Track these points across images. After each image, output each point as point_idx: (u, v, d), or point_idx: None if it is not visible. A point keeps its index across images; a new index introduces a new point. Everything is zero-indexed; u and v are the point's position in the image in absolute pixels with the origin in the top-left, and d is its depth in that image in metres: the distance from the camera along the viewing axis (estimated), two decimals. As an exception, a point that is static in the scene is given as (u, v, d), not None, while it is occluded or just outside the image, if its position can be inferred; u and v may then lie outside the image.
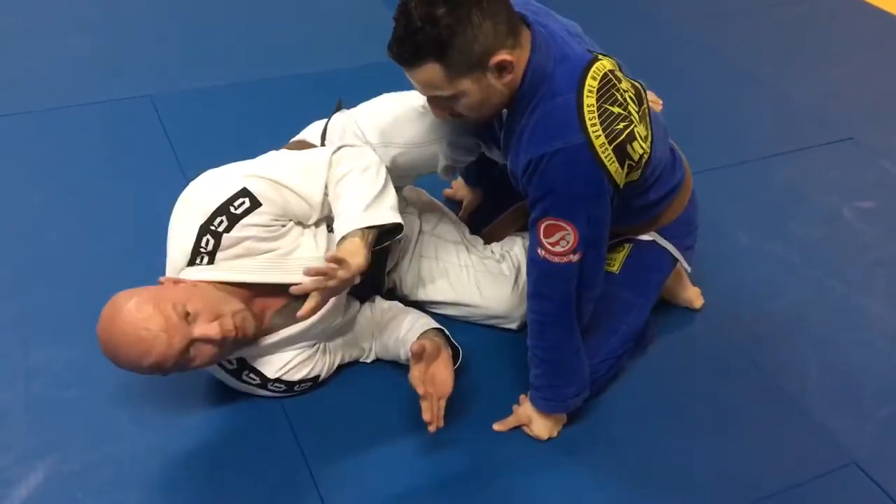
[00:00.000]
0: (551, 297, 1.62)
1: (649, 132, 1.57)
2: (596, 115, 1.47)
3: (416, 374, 1.62)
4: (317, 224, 1.70)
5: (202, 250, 1.60)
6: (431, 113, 1.62)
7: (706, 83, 3.07)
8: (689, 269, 1.95)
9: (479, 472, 1.71)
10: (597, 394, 1.84)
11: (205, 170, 1.70)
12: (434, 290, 1.94)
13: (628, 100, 1.53)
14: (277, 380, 1.74)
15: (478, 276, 1.93)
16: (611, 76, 1.52)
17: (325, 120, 1.87)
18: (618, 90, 1.52)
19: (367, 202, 1.59)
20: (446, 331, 1.79)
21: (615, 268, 1.81)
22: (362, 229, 1.55)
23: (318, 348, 1.78)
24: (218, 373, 1.73)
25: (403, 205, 1.96)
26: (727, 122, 2.86)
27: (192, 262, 1.61)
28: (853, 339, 2.07)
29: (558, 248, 1.54)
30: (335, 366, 1.83)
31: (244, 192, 1.59)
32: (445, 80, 1.46)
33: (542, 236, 1.55)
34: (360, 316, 1.86)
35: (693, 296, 2.07)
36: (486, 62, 1.45)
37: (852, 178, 2.63)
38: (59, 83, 2.73)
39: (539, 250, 1.57)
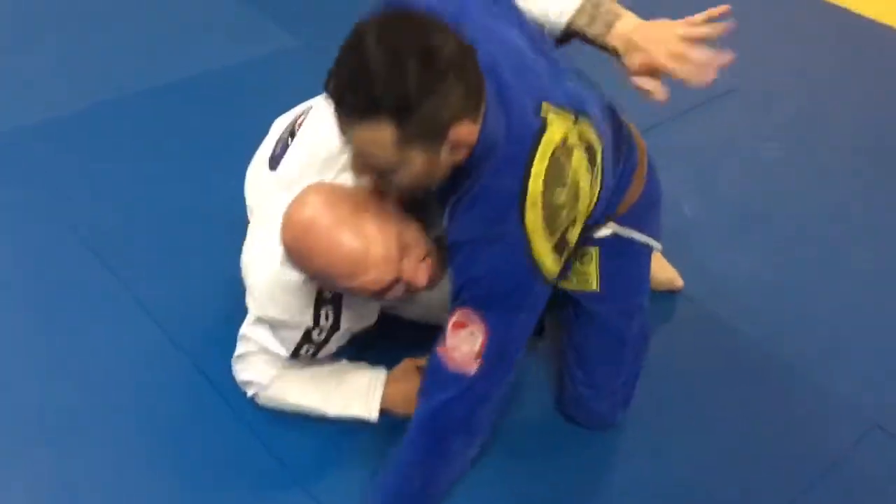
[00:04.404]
0: (429, 402, 1.34)
1: (598, 188, 1.34)
2: (540, 205, 1.22)
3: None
4: None
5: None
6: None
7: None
8: (660, 247, 1.75)
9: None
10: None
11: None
12: None
13: (581, 174, 1.27)
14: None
15: None
16: (560, 153, 1.24)
17: None
18: (565, 170, 1.25)
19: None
20: None
21: (594, 285, 1.56)
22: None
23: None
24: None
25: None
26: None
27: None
28: (827, 291, 2.01)
29: (457, 353, 1.29)
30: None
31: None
32: (394, 146, 1.14)
33: (448, 331, 1.30)
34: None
35: (673, 276, 1.93)
36: (445, 133, 1.15)
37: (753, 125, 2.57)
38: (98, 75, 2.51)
39: (439, 347, 1.32)
